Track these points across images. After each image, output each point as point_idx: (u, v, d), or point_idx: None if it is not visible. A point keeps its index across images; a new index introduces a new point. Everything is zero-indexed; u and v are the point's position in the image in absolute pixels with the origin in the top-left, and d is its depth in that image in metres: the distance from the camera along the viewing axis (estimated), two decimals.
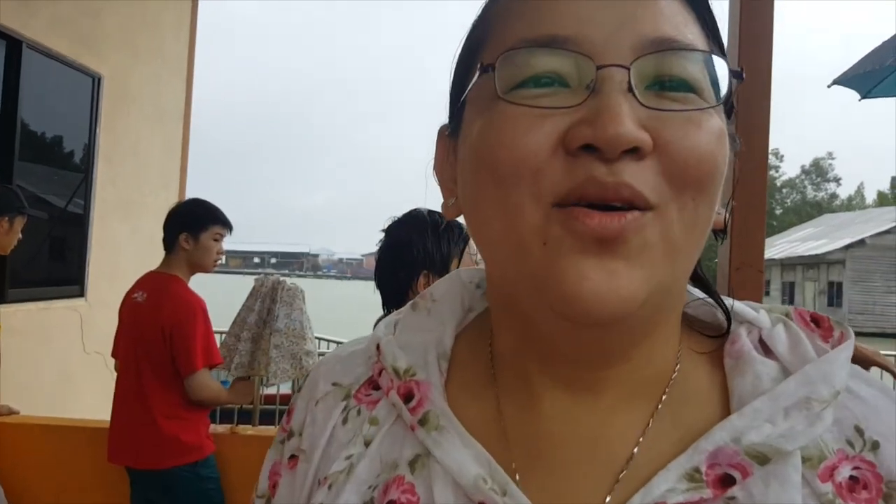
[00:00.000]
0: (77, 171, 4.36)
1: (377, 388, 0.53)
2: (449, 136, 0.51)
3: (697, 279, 0.53)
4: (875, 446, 0.44)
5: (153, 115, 5.15)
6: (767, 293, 37.63)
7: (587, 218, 0.39)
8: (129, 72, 4.73)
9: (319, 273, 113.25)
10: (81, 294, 4.38)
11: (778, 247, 39.01)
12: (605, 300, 0.40)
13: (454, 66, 0.51)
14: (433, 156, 0.53)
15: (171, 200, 4.92)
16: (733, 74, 0.44)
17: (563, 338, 0.45)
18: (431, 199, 0.54)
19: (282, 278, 2.62)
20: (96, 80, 4.35)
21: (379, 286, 1.62)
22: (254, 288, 2.64)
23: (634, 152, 0.39)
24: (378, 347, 0.53)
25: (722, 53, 0.46)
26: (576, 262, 0.40)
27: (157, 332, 2.57)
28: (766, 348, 0.49)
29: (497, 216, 0.43)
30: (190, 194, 5.71)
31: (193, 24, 5.46)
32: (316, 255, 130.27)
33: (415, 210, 1.67)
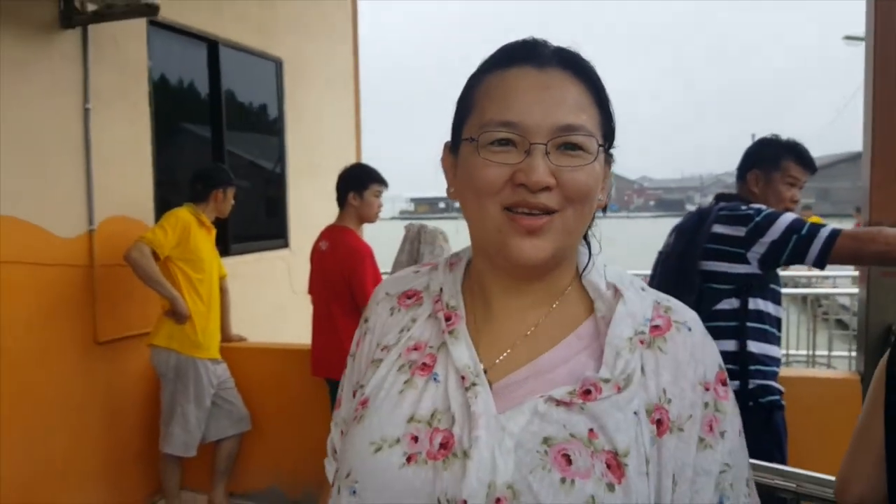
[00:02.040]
0: (273, 139, 5.16)
1: (409, 297, 0.91)
2: (451, 152, 0.85)
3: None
4: (669, 310, 0.83)
5: (327, 85, 5.75)
6: None
7: (522, 221, 0.75)
8: (304, 52, 5.34)
9: None
10: (286, 245, 5.21)
11: None
12: (532, 260, 0.77)
13: (454, 113, 0.85)
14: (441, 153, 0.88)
15: (350, 160, 5.60)
16: (603, 143, 0.79)
17: (507, 268, 0.81)
18: None
19: (424, 223, 3.10)
20: (278, 64, 5.05)
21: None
22: (405, 234, 3.15)
23: (547, 188, 0.75)
24: (441, 289, 0.88)
25: (607, 116, 0.81)
26: (516, 242, 0.76)
27: (338, 274, 3.16)
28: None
29: (475, 211, 0.79)
30: (366, 151, 6.36)
31: (354, 1, 6.01)
32: None
33: None
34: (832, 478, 1.23)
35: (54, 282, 3.18)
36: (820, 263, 2.10)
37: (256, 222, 5.03)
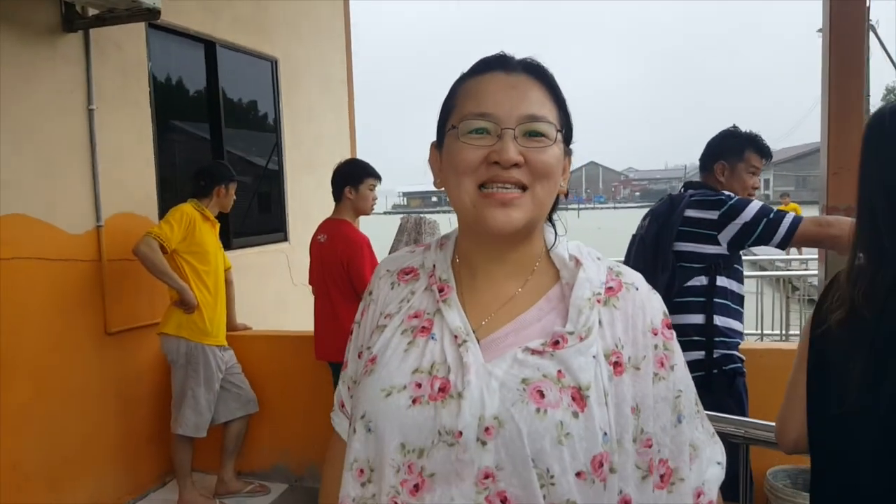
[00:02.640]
0: (270, 136, 5.29)
1: (407, 273, 1.05)
2: (437, 148, 1.00)
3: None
4: (619, 274, 0.98)
5: (321, 84, 5.88)
6: None
7: (496, 195, 0.90)
8: (298, 52, 5.48)
9: None
10: (286, 239, 5.34)
11: None
12: (505, 227, 0.91)
13: (438, 116, 1.00)
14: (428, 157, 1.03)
15: (345, 155, 5.75)
16: (561, 129, 0.94)
17: (486, 239, 0.96)
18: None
19: (423, 215, 3.27)
20: (273, 63, 5.19)
21: None
22: (400, 225, 3.32)
23: (517, 165, 0.89)
24: (434, 266, 1.02)
25: (564, 113, 0.96)
26: (492, 212, 0.90)
27: (337, 264, 3.31)
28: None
29: (456, 189, 0.93)
30: (361, 148, 6.50)
31: (346, 2, 6.14)
32: None
33: None
34: (773, 423, 1.39)
35: (65, 276, 3.33)
36: (783, 245, 2.35)
37: (256, 217, 5.18)
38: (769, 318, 6.67)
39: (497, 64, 0.95)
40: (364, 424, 0.92)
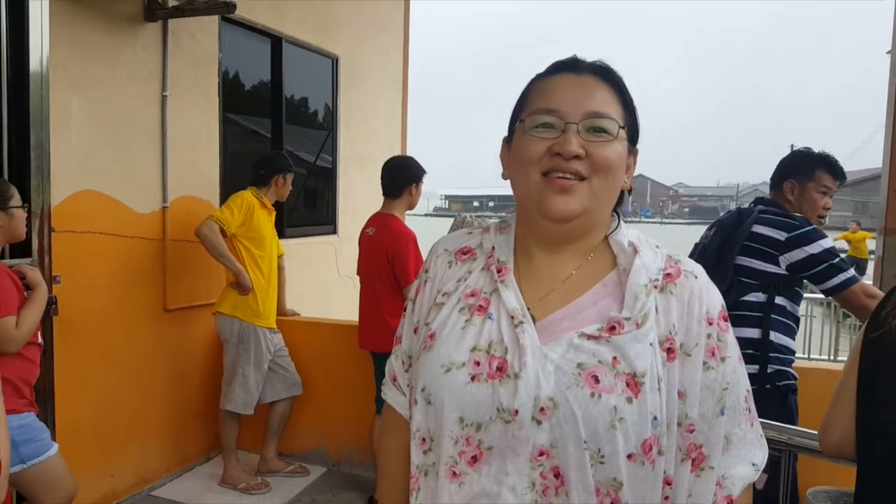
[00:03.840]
0: (325, 132, 5.43)
1: (465, 253, 1.09)
2: (506, 144, 1.06)
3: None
4: (678, 262, 1.01)
5: (378, 83, 6.02)
6: None
7: (556, 182, 0.94)
8: (358, 50, 5.63)
9: None
10: (334, 231, 5.49)
11: None
12: (562, 212, 0.95)
13: (511, 114, 1.05)
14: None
15: (395, 153, 5.87)
16: (627, 126, 0.99)
17: (546, 227, 0.99)
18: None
19: (467, 215, 3.40)
20: (334, 61, 5.34)
21: None
22: (453, 222, 3.46)
23: (578, 157, 0.94)
24: (493, 247, 1.06)
25: (629, 114, 1.00)
26: (551, 197, 0.95)
27: (383, 257, 3.41)
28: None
29: (522, 178, 0.98)
30: (411, 147, 6.65)
31: (407, 2, 6.28)
32: None
33: None
34: (817, 432, 1.40)
35: (130, 252, 3.52)
36: (828, 293, 2.38)
37: (309, 209, 5.34)
38: (817, 341, 6.52)
39: (567, 66, 1.01)
40: (424, 397, 0.97)
